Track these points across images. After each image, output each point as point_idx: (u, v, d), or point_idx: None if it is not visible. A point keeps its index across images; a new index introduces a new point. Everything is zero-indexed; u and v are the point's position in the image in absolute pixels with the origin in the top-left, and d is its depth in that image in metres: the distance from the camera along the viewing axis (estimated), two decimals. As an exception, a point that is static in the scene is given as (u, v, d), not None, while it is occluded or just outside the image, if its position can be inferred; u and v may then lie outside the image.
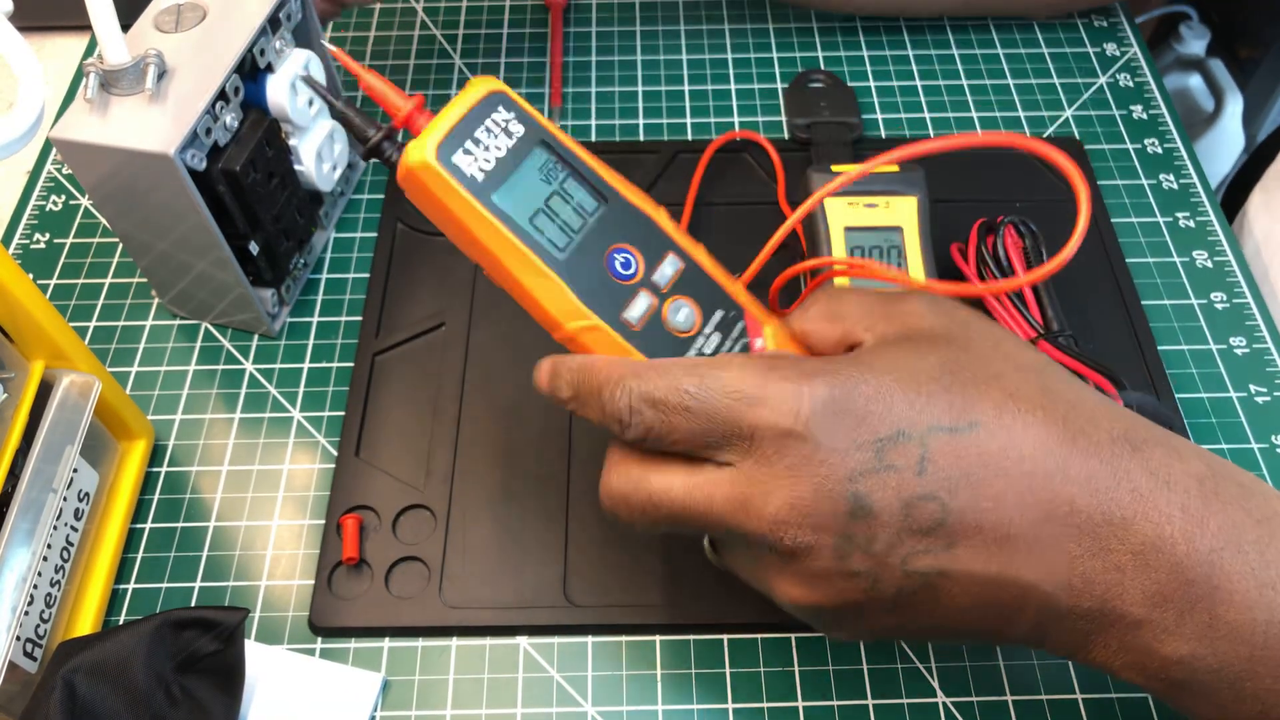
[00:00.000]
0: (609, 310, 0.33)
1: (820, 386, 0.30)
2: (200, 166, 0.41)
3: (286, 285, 0.50)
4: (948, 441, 0.29)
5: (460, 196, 0.32)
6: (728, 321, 0.35)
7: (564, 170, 0.34)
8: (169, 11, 0.44)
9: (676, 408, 0.31)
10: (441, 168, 0.32)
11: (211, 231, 0.43)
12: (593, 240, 0.34)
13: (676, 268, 0.35)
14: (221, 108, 0.42)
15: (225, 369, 0.49)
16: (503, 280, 0.34)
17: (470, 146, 0.33)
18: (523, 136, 0.34)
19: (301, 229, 0.49)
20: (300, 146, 0.48)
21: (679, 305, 0.34)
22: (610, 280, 0.34)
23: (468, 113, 0.33)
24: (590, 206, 0.34)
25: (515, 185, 0.33)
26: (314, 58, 0.47)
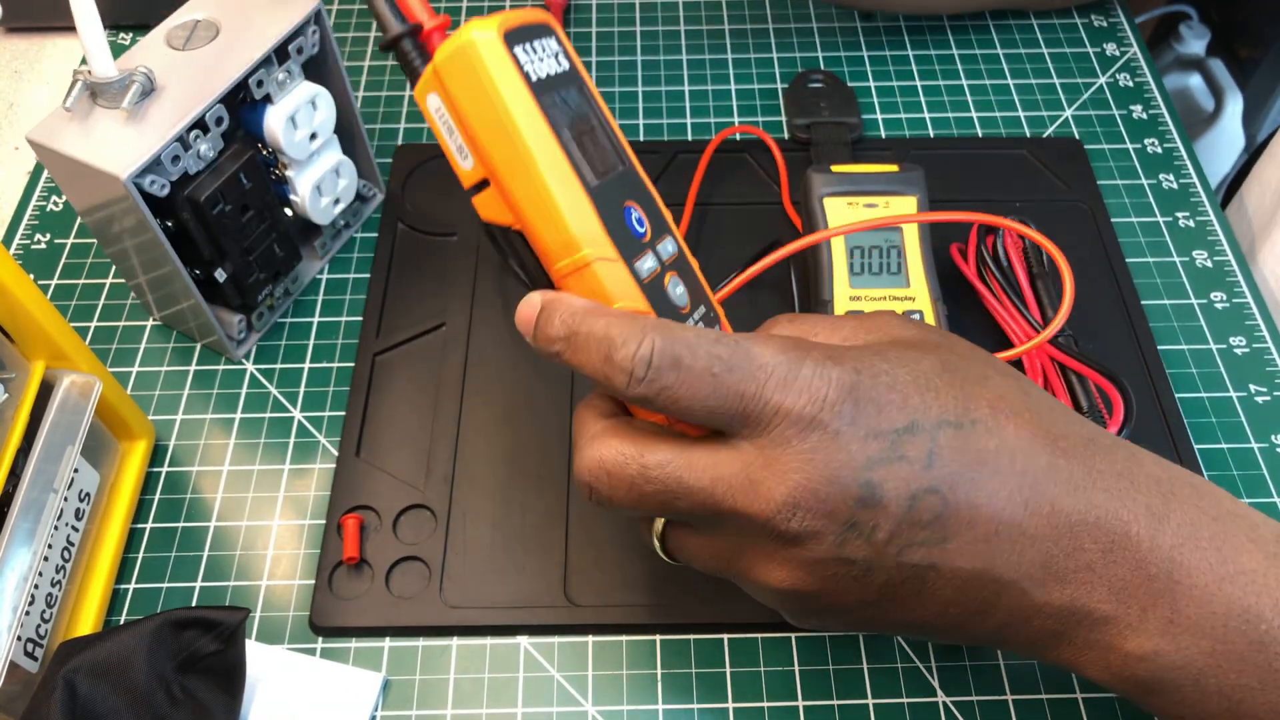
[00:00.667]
0: (627, 253, 0.32)
1: (846, 374, 0.30)
2: (162, 193, 0.41)
3: (259, 313, 0.49)
4: (954, 436, 0.30)
5: (518, 86, 0.30)
6: (709, 320, 0.35)
7: (595, 119, 0.33)
8: (184, 27, 0.44)
9: (703, 373, 0.29)
10: (508, 51, 0.30)
11: (169, 256, 0.43)
12: (615, 189, 0.32)
13: (674, 250, 0.34)
14: (197, 137, 0.42)
15: (226, 369, 0.49)
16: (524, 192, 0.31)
17: (529, 49, 0.31)
18: (567, 72, 0.33)
19: (280, 261, 0.49)
20: (297, 179, 0.47)
21: (676, 281, 0.33)
22: (625, 229, 0.32)
23: (529, 23, 0.32)
24: (613, 160, 0.33)
25: (562, 106, 0.32)
26: (322, 93, 0.46)
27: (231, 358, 0.49)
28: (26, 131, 0.41)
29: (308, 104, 0.46)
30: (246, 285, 0.47)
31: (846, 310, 0.45)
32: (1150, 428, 0.46)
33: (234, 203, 0.44)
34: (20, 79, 0.65)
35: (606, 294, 0.31)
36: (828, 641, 0.41)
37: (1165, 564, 0.29)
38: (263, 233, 0.47)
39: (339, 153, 0.49)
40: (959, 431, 0.30)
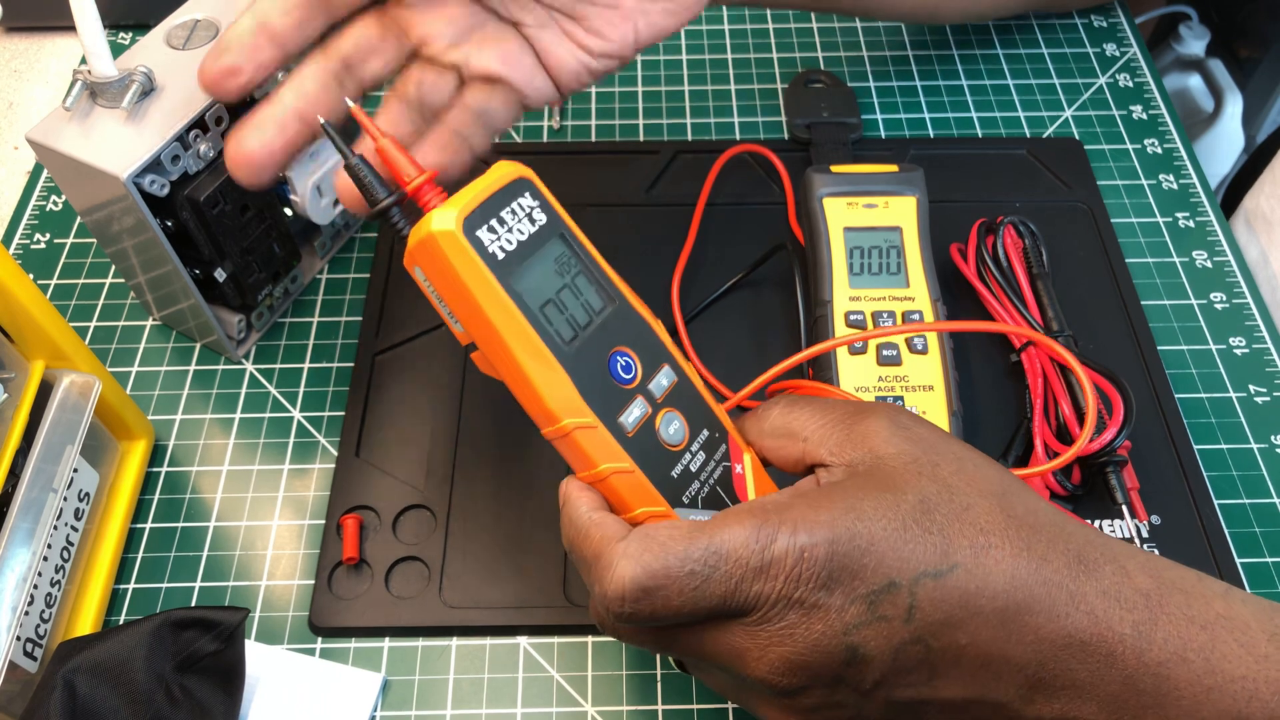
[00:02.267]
0: (607, 411, 0.32)
1: (819, 546, 0.30)
2: (162, 193, 0.41)
3: (259, 313, 0.49)
4: (933, 587, 0.30)
5: (480, 272, 0.31)
6: (713, 442, 0.34)
7: (577, 265, 0.34)
8: (184, 26, 0.44)
9: (680, 591, 0.30)
10: (465, 240, 0.31)
11: (168, 256, 0.43)
12: (597, 339, 0.33)
13: (671, 380, 0.34)
14: (196, 136, 0.42)
15: (225, 369, 0.49)
16: (502, 365, 0.33)
17: (495, 225, 0.32)
18: (544, 225, 0.33)
19: (279, 261, 0.49)
20: (297, 179, 0.47)
21: (671, 418, 0.34)
22: (611, 382, 0.33)
23: (494, 193, 0.32)
24: (597, 305, 0.33)
25: (531, 272, 0.32)
26: None
27: (231, 357, 0.49)
28: (26, 131, 0.41)
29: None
30: (246, 285, 0.47)
31: (846, 311, 0.45)
32: (1150, 428, 0.46)
33: (233, 202, 0.44)
34: (20, 79, 0.65)
35: (588, 459, 0.32)
36: (827, 642, 0.41)
37: (1153, 679, 0.30)
38: (262, 232, 0.47)
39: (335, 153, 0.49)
40: (938, 580, 0.30)
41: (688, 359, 0.35)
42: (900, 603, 0.30)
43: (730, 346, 0.49)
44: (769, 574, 0.30)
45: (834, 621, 0.30)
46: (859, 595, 0.30)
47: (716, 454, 0.34)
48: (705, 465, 0.34)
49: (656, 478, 0.33)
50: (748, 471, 0.35)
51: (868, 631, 0.30)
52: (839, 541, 0.30)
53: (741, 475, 0.35)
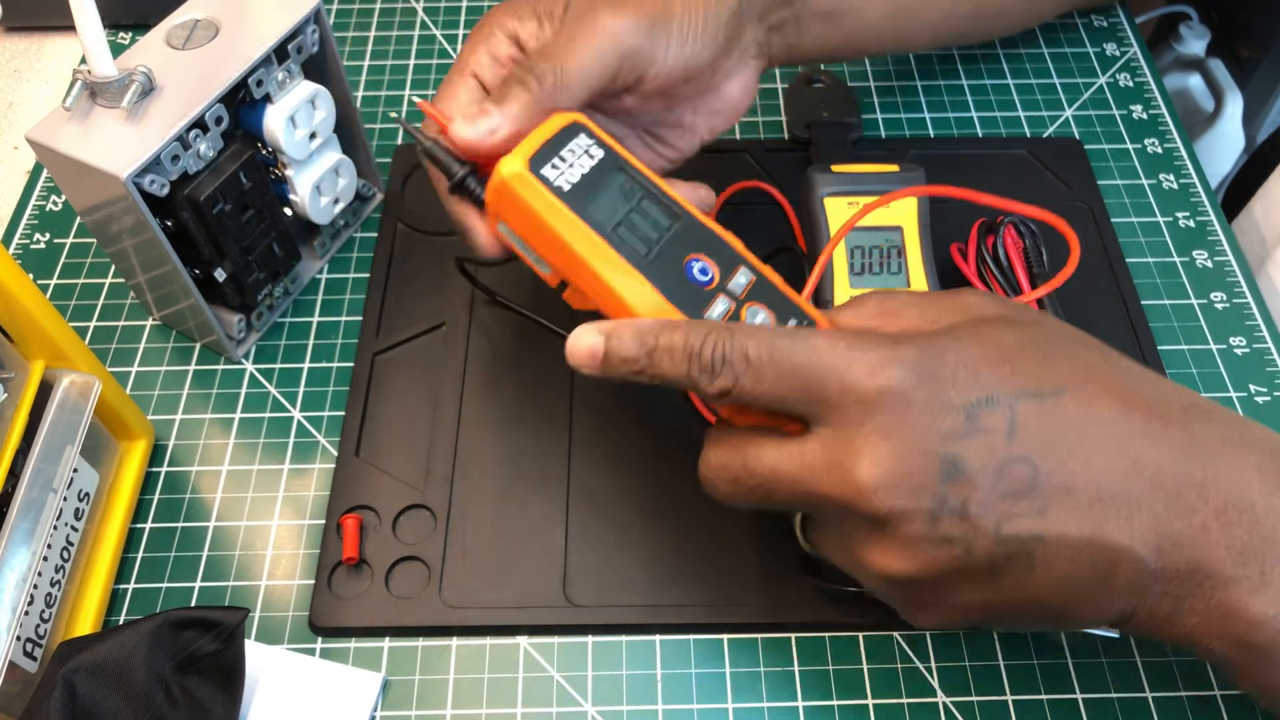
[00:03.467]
0: (692, 309, 0.35)
1: (910, 350, 0.30)
2: (162, 193, 0.41)
3: (259, 312, 0.49)
4: (1035, 407, 0.30)
5: (552, 202, 0.35)
6: None
7: (640, 191, 0.37)
8: (184, 26, 0.44)
9: (770, 365, 0.31)
10: (534, 177, 0.35)
11: (168, 255, 0.43)
12: (671, 250, 0.36)
13: (749, 279, 0.36)
14: (196, 136, 0.42)
15: (225, 369, 0.49)
16: (589, 287, 0.35)
17: (557, 163, 0.36)
18: (603, 159, 0.37)
19: (279, 261, 0.49)
20: (297, 178, 0.47)
21: (756, 311, 0.36)
22: (690, 285, 0.35)
23: (554, 135, 0.36)
24: (665, 223, 0.36)
25: (599, 199, 0.36)
26: (322, 93, 0.46)
27: (231, 357, 0.49)
28: (26, 131, 0.41)
29: (307, 103, 0.46)
30: (246, 285, 0.47)
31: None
32: (1150, 428, 0.46)
33: (234, 202, 0.44)
34: (20, 79, 0.65)
35: None
36: (828, 642, 0.41)
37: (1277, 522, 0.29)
38: (262, 232, 0.47)
39: (339, 152, 0.49)
40: (1041, 402, 0.30)
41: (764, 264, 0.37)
42: (1000, 418, 0.29)
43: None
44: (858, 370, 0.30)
45: (930, 425, 0.30)
46: (954, 404, 0.30)
47: None
48: None
49: None
50: None
51: (967, 443, 0.29)
52: (931, 350, 0.30)
53: None
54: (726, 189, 0.54)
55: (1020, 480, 0.29)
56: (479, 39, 0.41)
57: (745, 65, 0.44)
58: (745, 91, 0.45)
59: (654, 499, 0.44)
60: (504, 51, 0.41)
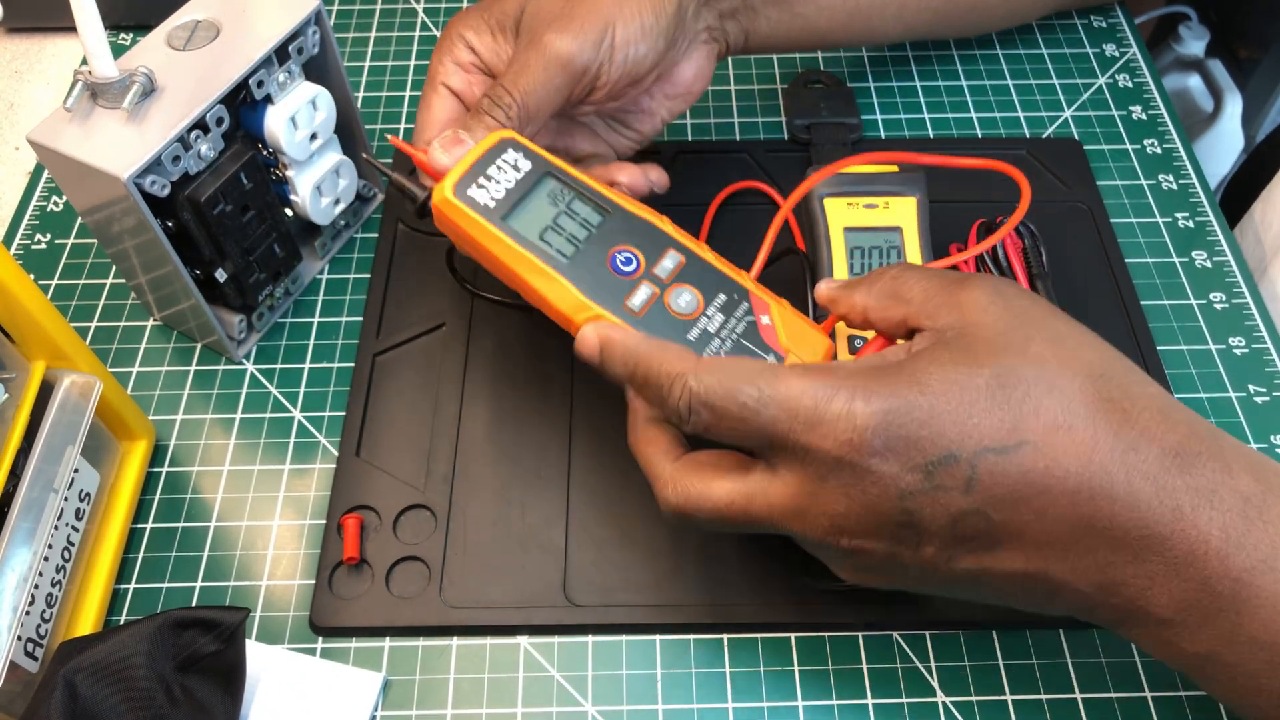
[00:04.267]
0: (612, 300, 0.38)
1: (875, 415, 0.30)
2: (163, 194, 0.41)
3: (259, 313, 0.49)
4: (996, 462, 0.30)
5: (475, 221, 0.39)
6: (732, 303, 0.39)
7: (570, 193, 0.40)
8: (184, 27, 0.44)
9: (737, 415, 0.32)
10: (458, 200, 0.39)
11: (169, 256, 0.43)
12: (596, 245, 0.39)
13: (677, 261, 0.39)
14: (197, 137, 0.42)
15: (226, 369, 0.49)
16: (523, 289, 0.39)
17: (483, 181, 0.39)
18: (530, 170, 0.40)
19: (280, 261, 0.49)
20: (298, 179, 0.47)
21: (681, 292, 0.38)
22: (612, 276, 0.39)
23: (480, 157, 0.40)
24: (594, 220, 0.40)
25: (525, 209, 0.39)
26: (322, 94, 0.46)
27: (232, 358, 0.49)
28: (27, 132, 0.41)
29: (308, 104, 0.46)
30: (247, 285, 0.47)
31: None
32: (1150, 428, 0.46)
33: (234, 203, 0.44)
34: (20, 79, 0.65)
35: None
36: (828, 641, 0.41)
37: (1233, 584, 0.29)
38: (263, 233, 0.47)
39: (339, 153, 0.49)
40: (1002, 456, 0.30)
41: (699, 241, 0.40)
42: (959, 474, 0.30)
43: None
44: (820, 431, 0.31)
45: (888, 485, 0.31)
46: (915, 464, 0.30)
47: (737, 311, 0.39)
48: (725, 324, 0.38)
49: None
50: (776, 321, 0.38)
51: (924, 499, 0.30)
52: (895, 412, 0.30)
53: (770, 325, 0.38)
54: (724, 189, 0.54)
55: (973, 528, 0.31)
56: (443, 50, 0.45)
57: (696, 51, 0.47)
58: (699, 75, 0.48)
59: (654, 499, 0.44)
60: (466, 58, 0.45)
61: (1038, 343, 0.32)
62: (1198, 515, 0.29)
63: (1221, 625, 0.30)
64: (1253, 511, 0.30)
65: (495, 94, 0.42)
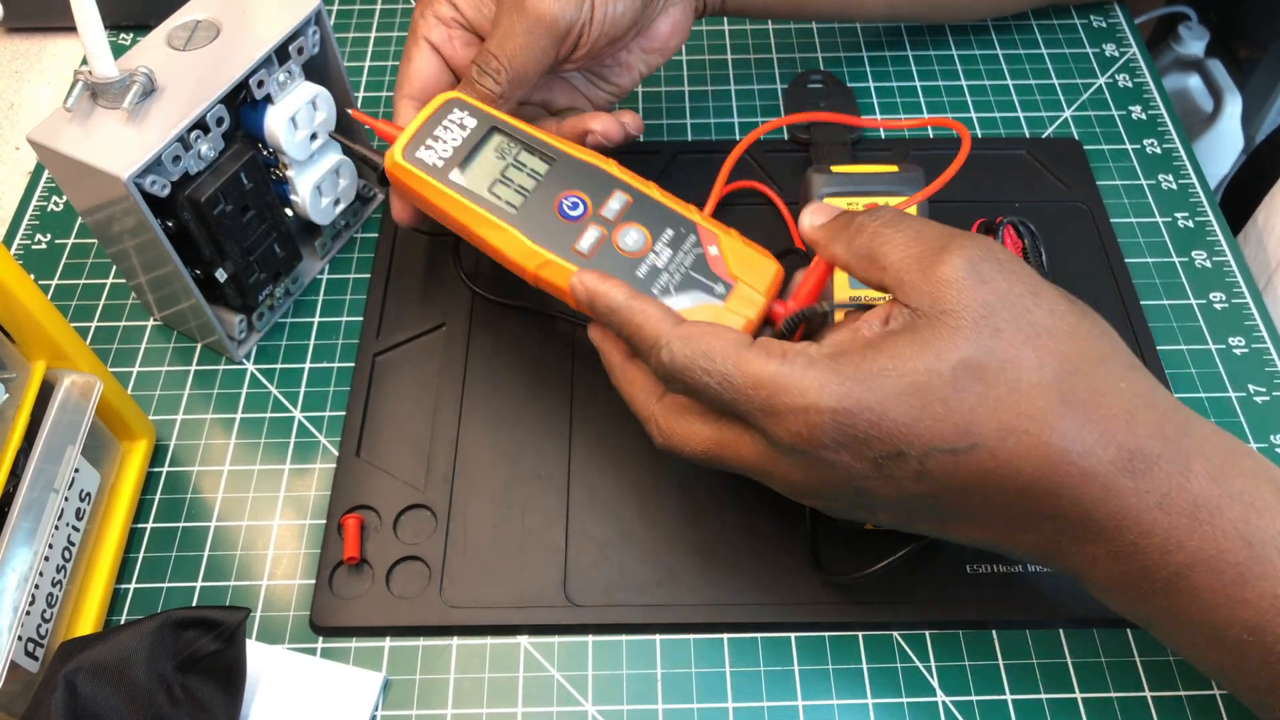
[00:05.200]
0: (561, 245, 0.39)
1: (826, 414, 0.31)
2: (163, 194, 0.41)
3: (260, 313, 0.49)
4: (945, 460, 0.31)
5: (425, 181, 0.40)
6: (679, 237, 0.40)
7: (516, 146, 0.42)
8: (185, 27, 0.44)
9: (701, 389, 0.34)
10: (406, 162, 0.41)
11: (169, 256, 0.43)
12: (542, 193, 0.40)
13: (623, 202, 0.40)
14: (197, 137, 0.42)
15: (226, 369, 0.49)
16: (478, 243, 0.40)
17: (430, 143, 0.41)
18: (475, 127, 0.42)
19: (280, 261, 0.49)
20: (298, 179, 0.47)
21: (628, 231, 0.39)
22: (559, 221, 0.40)
23: (427, 119, 0.42)
24: (541, 169, 0.41)
25: (472, 165, 0.41)
26: (322, 94, 0.46)
27: (232, 358, 0.49)
28: (27, 131, 0.41)
29: (308, 104, 0.46)
30: (247, 285, 0.47)
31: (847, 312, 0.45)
32: (1149, 428, 0.46)
33: (235, 203, 0.44)
34: (20, 79, 0.65)
35: (558, 287, 0.39)
36: (827, 641, 0.41)
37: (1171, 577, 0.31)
38: (263, 233, 0.47)
39: (339, 153, 0.49)
40: (953, 456, 0.31)
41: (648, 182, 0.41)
42: (908, 468, 0.31)
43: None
44: (776, 420, 0.32)
45: (841, 470, 0.32)
46: (865, 457, 0.32)
47: (685, 245, 0.39)
48: (674, 258, 0.39)
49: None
50: (724, 251, 0.39)
51: (875, 483, 0.32)
52: (843, 413, 0.31)
53: (718, 256, 0.39)
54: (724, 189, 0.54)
55: (923, 508, 0.33)
56: (424, 5, 0.47)
57: (673, 7, 0.49)
58: (675, 30, 0.49)
59: (654, 499, 0.44)
60: (448, 14, 0.46)
61: (1008, 334, 0.31)
62: (1142, 517, 0.30)
63: (1158, 604, 0.32)
64: (1203, 515, 0.30)
65: (484, 61, 0.43)
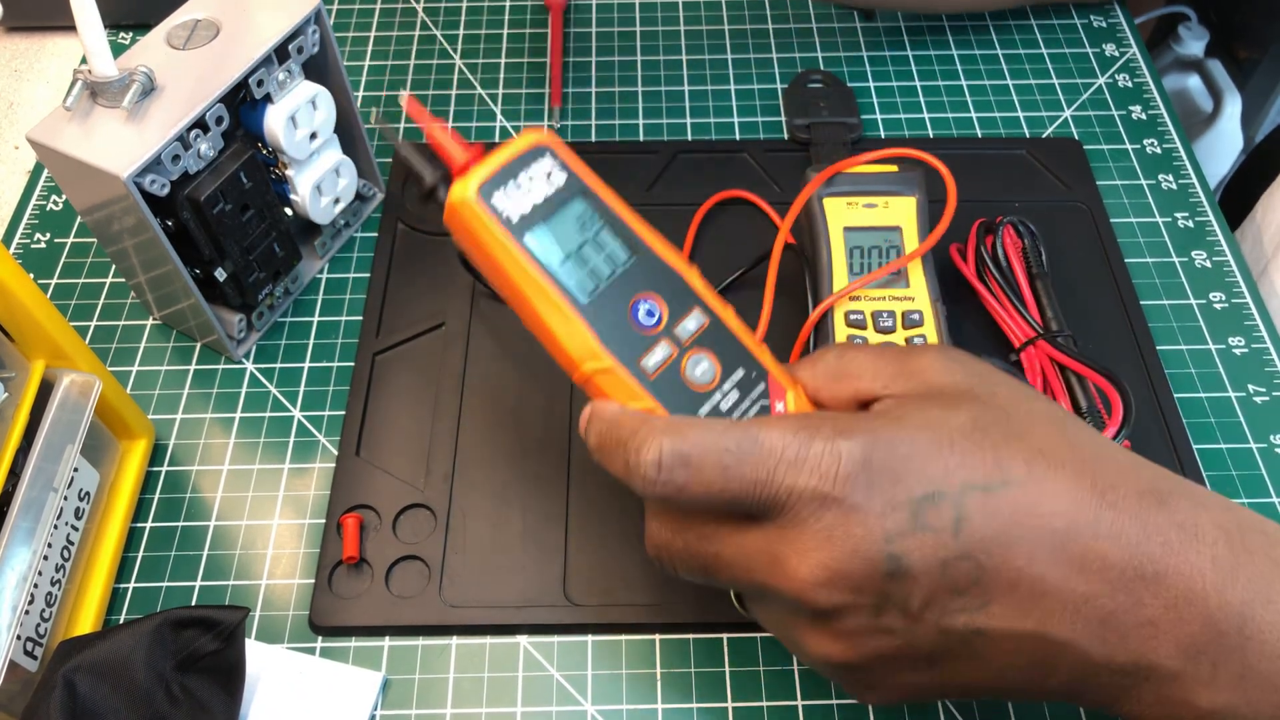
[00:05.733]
0: (627, 355, 0.34)
1: (856, 448, 0.29)
2: (162, 193, 0.41)
3: (259, 312, 0.49)
4: (982, 500, 0.29)
5: (494, 233, 0.34)
6: (749, 381, 0.35)
7: (600, 220, 0.35)
8: (184, 26, 0.44)
9: (714, 467, 0.30)
10: (480, 205, 0.33)
11: (169, 255, 0.43)
12: (619, 288, 0.35)
13: (700, 323, 0.35)
14: (197, 136, 0.42)
15: (226, 368, 0.49)
16: (529, 318, 0.35)
17: (511, 189, 0.34)
18: (564, 185, 0.35)
19: (280, 261, 0.48)
20: (297, 178, 0.47)
21: (699, 359, 0.34)
22: (631, 327, 0.34)
23: (515, 158, 0.34)
24: (621, 257, 0.35)
25: (550, 229, 0.34)
26: (322, 93, 0.46)
27: (231, 357, 0.49)
28: (27, 131, 0.41)
29: (308, 104, 0.46)
30: (246, 285, 0.47)
31: (846, 311, 0.45)
32: (1149, 428, 0.46)
33: (234, 202, 0.44)
34: (20, 78, 0.65)
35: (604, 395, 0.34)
36: (827, 641, 0.41)
37: (1236, 620, 0.28)
38: (263, 232, 0.47)
39: (339, 152, 0.49)
40: (988, 494, 0.29)
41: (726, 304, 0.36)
42: (945, 514, 0.29)
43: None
44: (804, 468, 0.29)
45: (874, 526, 0.29)
46: (900, 501, 0.29)
47: (753, 393, 0.35)
48: (739, 403, 0.34)
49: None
50: (790, 409, 0.35)
51: (911, 541, 0.29)
52: (879, 445, 0.29)
53: (783, 412, 0.35)
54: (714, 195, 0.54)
55: (964, 576, 0.29)
56: None
57: None
58: None
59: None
60: None
61: (1001, 394, 0.31)
62: (1186, 550, 0.29)
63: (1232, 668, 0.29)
64: (1235, 543, 0.29)
65: None
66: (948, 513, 0.29)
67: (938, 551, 0.29)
